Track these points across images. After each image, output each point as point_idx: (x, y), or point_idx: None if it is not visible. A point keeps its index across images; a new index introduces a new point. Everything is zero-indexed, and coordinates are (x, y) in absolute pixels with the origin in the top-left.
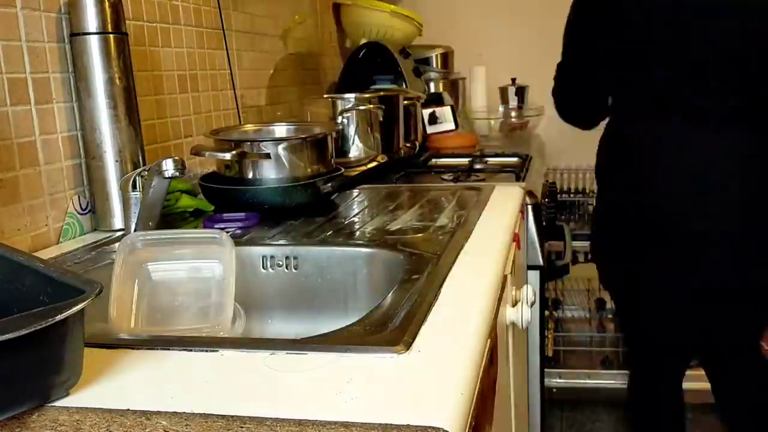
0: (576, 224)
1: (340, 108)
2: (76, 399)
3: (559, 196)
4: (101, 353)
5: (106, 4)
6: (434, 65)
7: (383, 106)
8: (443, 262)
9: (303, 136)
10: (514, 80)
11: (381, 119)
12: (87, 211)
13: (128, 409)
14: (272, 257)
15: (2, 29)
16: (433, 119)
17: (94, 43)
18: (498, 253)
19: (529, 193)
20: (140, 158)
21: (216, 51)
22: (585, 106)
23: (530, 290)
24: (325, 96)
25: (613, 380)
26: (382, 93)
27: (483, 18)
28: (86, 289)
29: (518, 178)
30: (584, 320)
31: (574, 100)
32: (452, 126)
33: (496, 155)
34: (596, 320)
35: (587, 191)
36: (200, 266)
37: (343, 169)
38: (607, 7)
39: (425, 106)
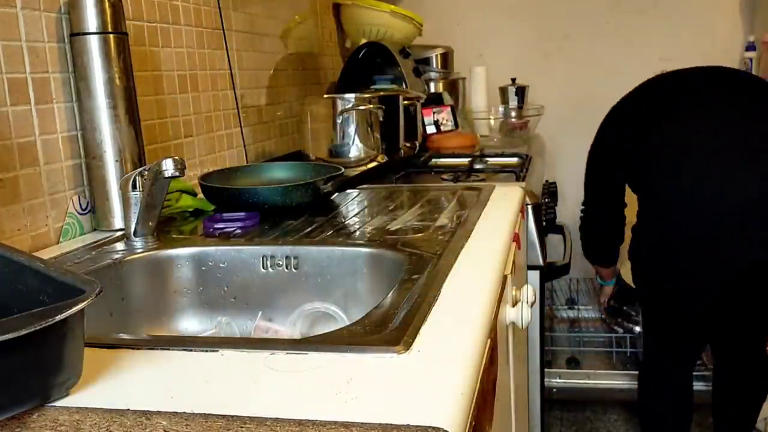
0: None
1: (340, 108)
2: (76, 399)
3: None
4: (101, 353)
5: (106, 4)
6: (434, 65)
7: (383, 106)
8: (443, 262)
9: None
10: (514, 80)
11: (381, 119)
12: (87, 211)
13: (128, 409)
14: (272, 257)
15: (2, 29)
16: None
17: (94, 43)
18: (498, 253)
19: (529, 193)
20: (140, 158)
21: (216, 51)
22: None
23: (530, 290)
24: (325, 96)
25: (614, 380)
26: (382, 93)
27: (483, 18)
28: (86, 289)
29: (518, 178)
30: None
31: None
32: (452, 126)
33: (496, 155)
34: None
35: None
36: None
37: (343, 169)
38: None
39: (425, 106)
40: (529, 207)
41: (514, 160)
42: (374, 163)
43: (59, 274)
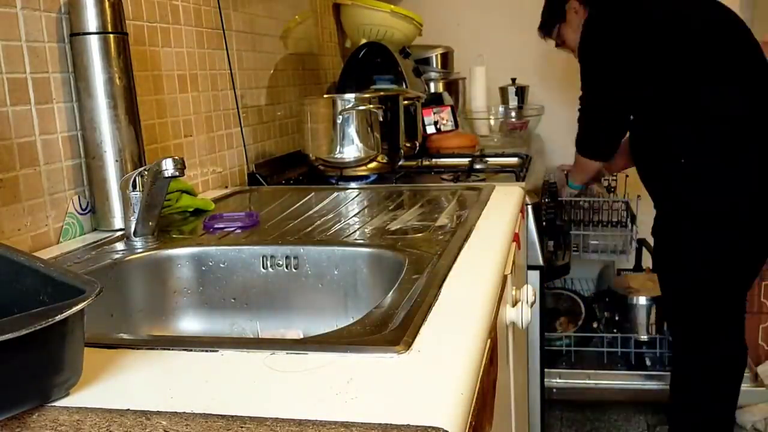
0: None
1: (340, 108)
2: (76, 399)
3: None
4: (101, 353)
5: (106, 4)
6: (434, 65)
7: (383, 106)
8: (443, 262)
9: None
10: (514, 80)
11: (381, 119)
12: (87, 211)
13: (128, 409)
14: (272, 257)
15: (2, 29)
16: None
17: (94, 43)
18: (498, 253)
19: (529, 193)
20: (140, 158)
21: (216, 51)
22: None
23: (530, 290)
24: (325, 96)
25: (614, 380)
26: (382, 93)
27: (483, 18)
28: (86, 289)
29: (518, 178)
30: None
31: (610, 135)
32: (452, 126)
33: (496, 155)
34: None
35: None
36: None
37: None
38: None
39: (425, 106)
40: (529, 207)
41: (514, 160)
42: (374, 163)
43: (59, 274)
